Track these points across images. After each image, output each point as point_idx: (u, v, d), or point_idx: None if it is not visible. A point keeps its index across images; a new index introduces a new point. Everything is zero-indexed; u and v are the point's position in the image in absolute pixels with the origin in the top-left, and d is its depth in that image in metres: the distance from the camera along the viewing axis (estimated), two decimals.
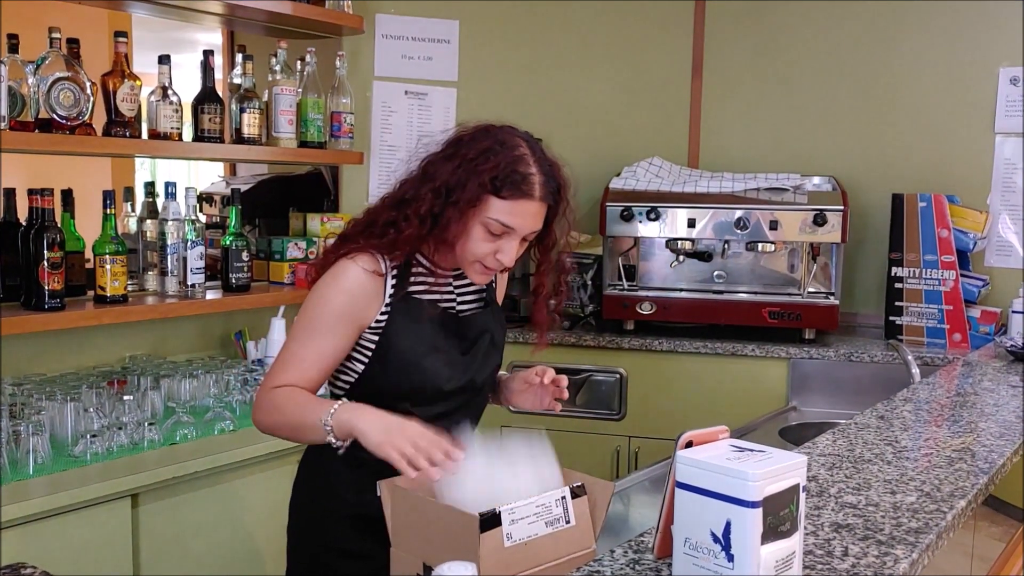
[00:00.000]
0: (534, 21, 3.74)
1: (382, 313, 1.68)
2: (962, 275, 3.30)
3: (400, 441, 1.46)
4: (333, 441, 1.55)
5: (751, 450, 1.12)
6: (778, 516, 1.08)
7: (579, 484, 1.49)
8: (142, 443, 2.30)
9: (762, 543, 1.06)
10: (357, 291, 1.66)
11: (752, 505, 1.05)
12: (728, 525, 1.06)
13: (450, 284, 1.77)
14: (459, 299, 1.78)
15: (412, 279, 1.71)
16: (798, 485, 1.10)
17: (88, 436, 2.20)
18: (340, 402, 1.58)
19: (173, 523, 2.25)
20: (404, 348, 1.68)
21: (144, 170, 4.37)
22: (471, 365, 1.75)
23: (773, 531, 1.07)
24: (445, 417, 1.70)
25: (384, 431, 1.49)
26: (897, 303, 3.37)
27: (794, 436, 2.75)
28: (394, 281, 1.69)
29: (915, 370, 2.64)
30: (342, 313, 1.66)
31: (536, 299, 1.83)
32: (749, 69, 3.75)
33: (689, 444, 1.14)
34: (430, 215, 1.62)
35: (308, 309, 1.68)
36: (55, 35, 2.38)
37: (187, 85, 2.79)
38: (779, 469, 1.08)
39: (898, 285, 3.36)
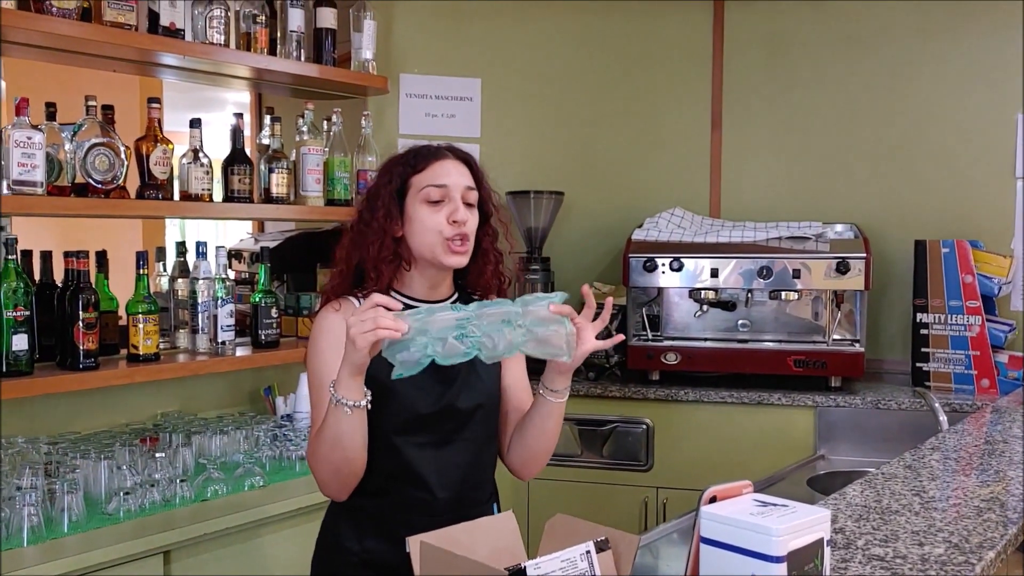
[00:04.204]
0: (555, 77, 3.82)
1: None
2: (988, 320, 3.29)
3: (355, 325, 1.53)
4: (347, 403, 1.60)
5: (775, 504, 1.13)
6: (803, 571, 1.09)
7: (603, 539, 1.50)
8: (174, 500, 2.33)
9: None
10: (335, 327, 1.74)
11: (776, 560, 1.06)
12: None
13: None
14: None
15: None
16: (822, 539, 1.11)
17: (121, 493, 2.23)
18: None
19: None
20: (377, 375, 1.70)
21: (175, 228, 4.46)
22: (448, 390, 1.78)
23: None
24: (439, 446, 1.77)
25: (347, 341, 1.56)
26: (923, 349, 3.36)
27: (822, 485, 2.74)
28: None
29: (942, 417, 2.63)
30: (331, 350, 1.72)
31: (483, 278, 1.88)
32: (767, 120, 3.80)
33: (713, 499, 1.16)
34: (382, 227, 1.77)
35: (309, 367, 1.78)
36: (91, 103, 2.46)
37: (217, 143, 2.87)
38: (803, 524, 1.09)
39: (924, 331, 3.36)
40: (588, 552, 1.47)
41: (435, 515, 1.75)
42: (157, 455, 2.39)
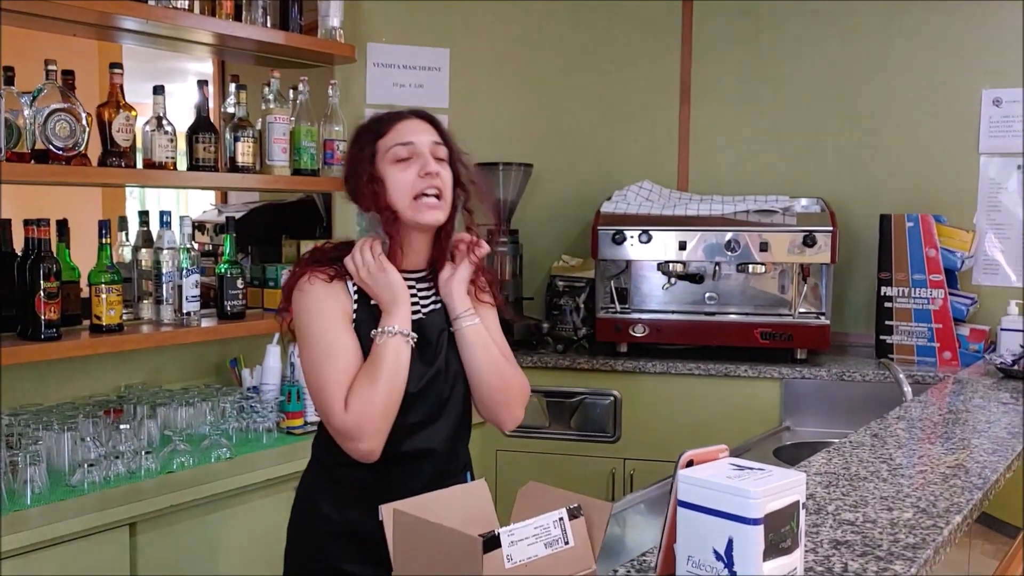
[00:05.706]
0: (524, 48, 3.79)
1: (354, 311, 1.75)
2: (950, 294, 3.33)
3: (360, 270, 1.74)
4: (403, 332, 1.70)
5: (751, 468, 1.14)
6: (779, 533, 1.09)
7: (576, 505, 1.50)
8: (139, 472, 2.30)
9: (764, 560, 1.07)
10: (325, 291, 1.74)
11: (754, 522, 1.06)
12: (730, 542, 1.08)
13: (414, 287, 1.81)
14: (423, 303, 1.81)
15: None
16: (798, 502, 1.12)
17: (85, 465, 2.20)
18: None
19: (171, 551, 2.24)
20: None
21: (134, 199, 4.37)
22: (431, 368, 1.77)
23: (775, 548, 1.09)
24: (424, 425, 1.77)
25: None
26: (887, 322, 3.40)
27: (789, 456, 2.76)
28: (355, 288, 1.76)
29: (907, 388, 2.66)
30: (329, 303, 1.73)
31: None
32: (736, 94, 3.80)
33: (690, 463, 1.16)
34: (373, 191, 1.75)
35: (302, 325, 1.76)
36: (51, 67, 2.40)
37: (180, 114, 2.81)
38: (779, 486, 1.09)
39: (888, 304, 3.40)
40: (561, 519, 1.47)
41: (416, 490, 1.74)
42: (121, 427, 2.35)
